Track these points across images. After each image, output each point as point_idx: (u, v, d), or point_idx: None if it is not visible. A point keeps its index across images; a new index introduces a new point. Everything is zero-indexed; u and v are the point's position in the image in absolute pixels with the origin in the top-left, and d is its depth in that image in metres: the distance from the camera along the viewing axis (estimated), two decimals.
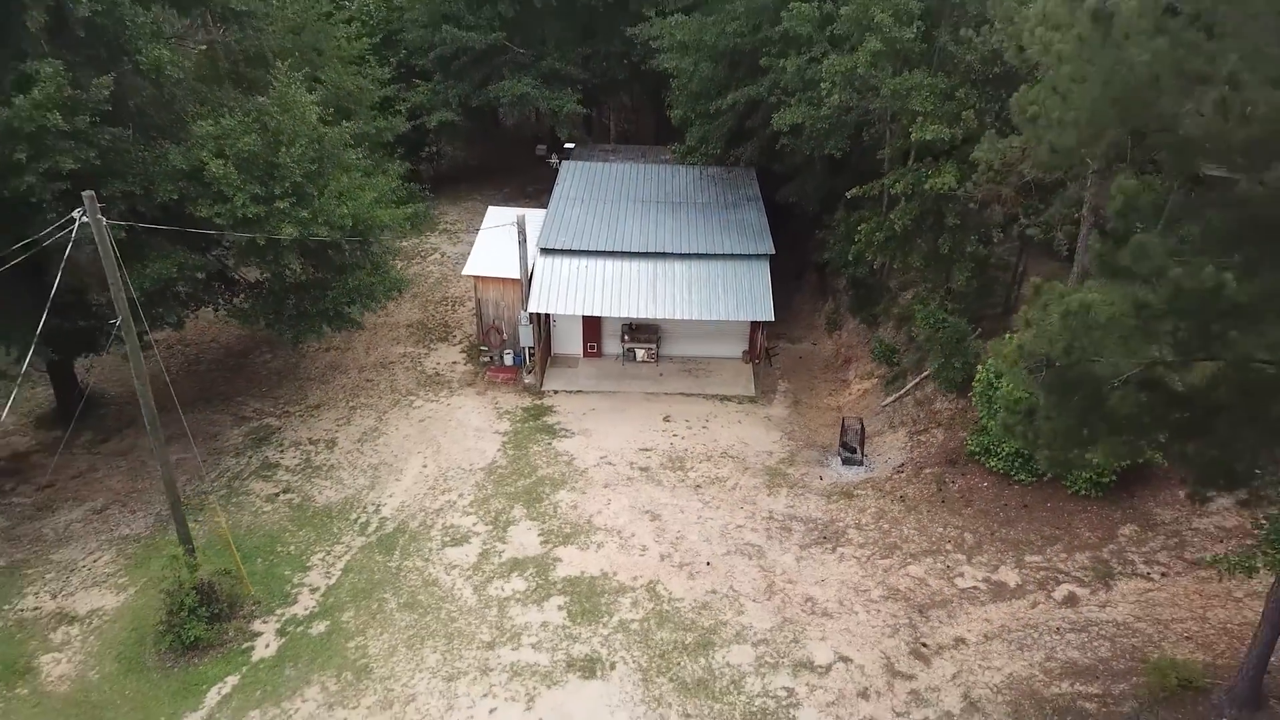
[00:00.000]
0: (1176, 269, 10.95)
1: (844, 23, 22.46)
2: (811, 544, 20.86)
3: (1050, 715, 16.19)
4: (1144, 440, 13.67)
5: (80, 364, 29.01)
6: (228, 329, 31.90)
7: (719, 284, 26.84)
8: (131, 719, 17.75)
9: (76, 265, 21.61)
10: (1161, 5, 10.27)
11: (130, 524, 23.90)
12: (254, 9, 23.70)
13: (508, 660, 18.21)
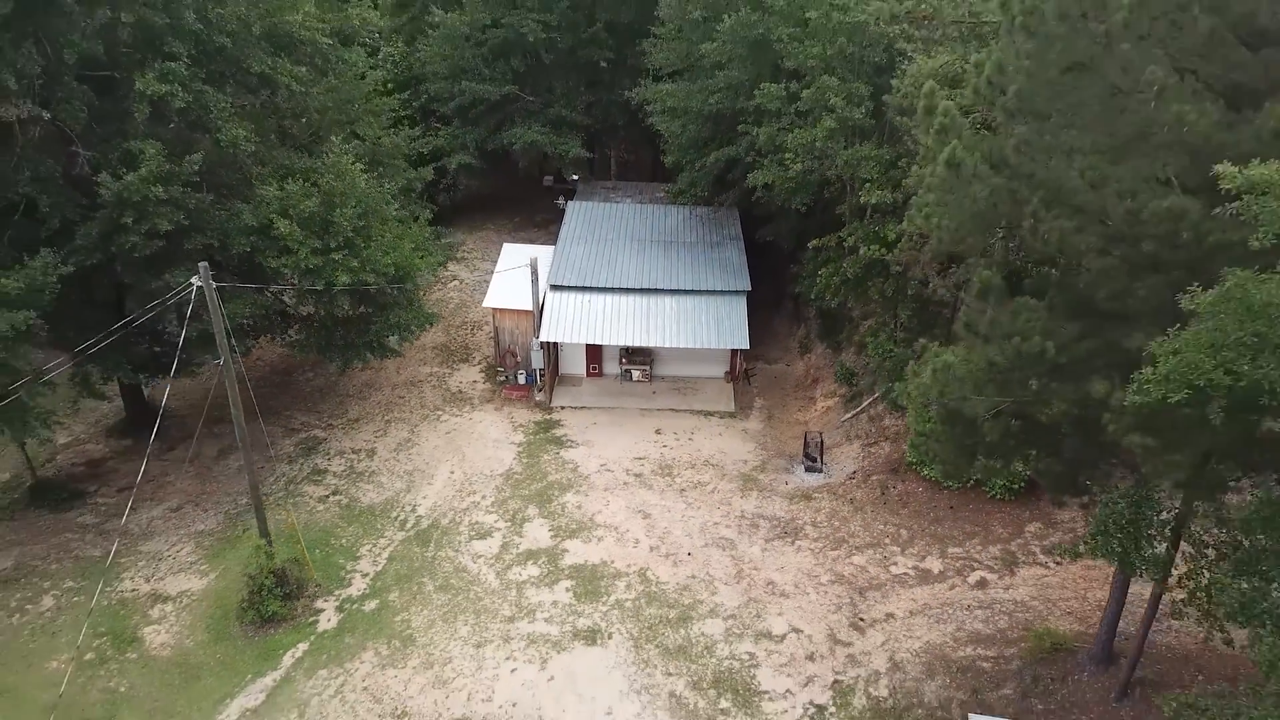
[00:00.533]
0: (1016, 337, 15.16)
1: (806, 101, 26.67)
2: (775, 538, 25.08)
3: (955, 673, 20.39)
4: (1011, 459, 17.91)
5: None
6: (272, 349, 36.10)
7: (703, 316, 31.09)
8: (224, 677, 21.97)
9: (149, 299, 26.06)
10: (995, 159, 14.45)
11: (204, 521, 28.14)
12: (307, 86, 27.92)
13: (525, 631, 22.43)
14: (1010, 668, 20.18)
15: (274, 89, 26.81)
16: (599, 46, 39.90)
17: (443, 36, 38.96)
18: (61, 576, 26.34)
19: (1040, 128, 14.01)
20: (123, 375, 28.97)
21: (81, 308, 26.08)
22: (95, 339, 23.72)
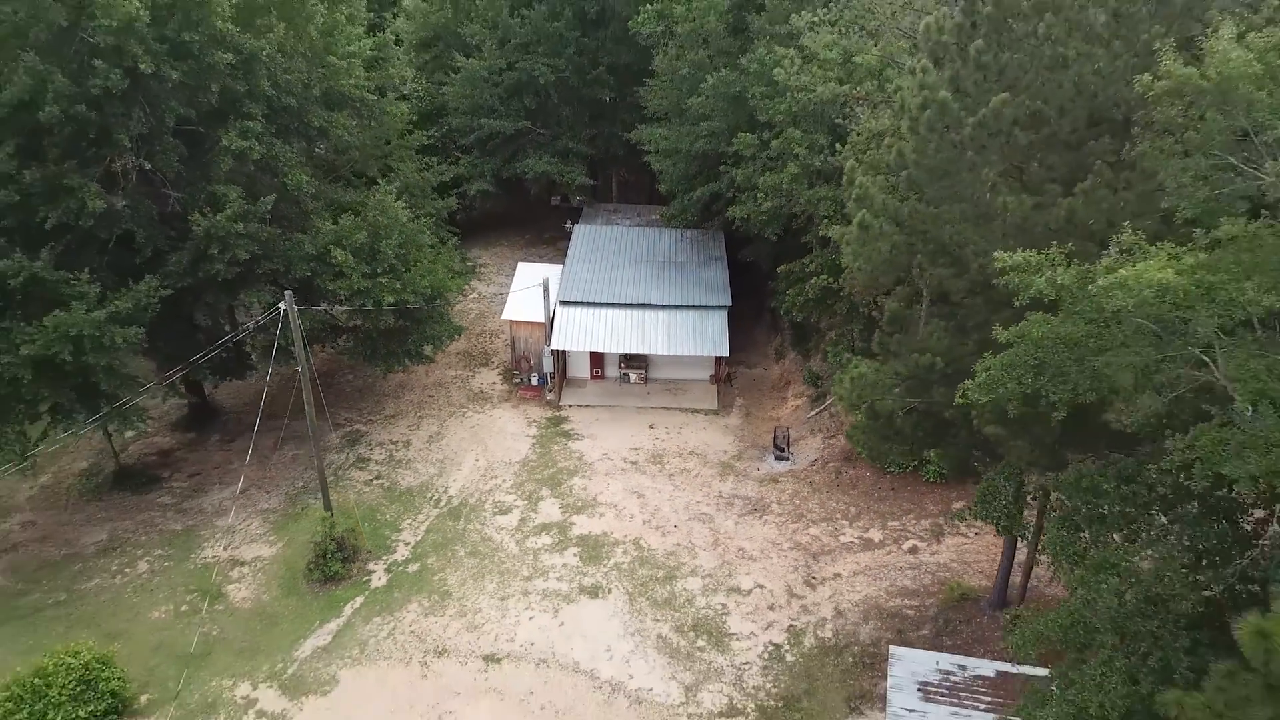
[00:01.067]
0: (914, 354, 20.07)
1: (775, 149, 31.54)
2: (746, 514, 30.01)
3: (885, 618, 25.30)
4: (921, 447, 22.80)
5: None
6: (315, 353, 41.05)
7: (690, 327, 36.00)
8: (297, 624, 26.91)
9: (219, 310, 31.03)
10: (896, 219, 19.33)
11: (267, 501, 33.10)
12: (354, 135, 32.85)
13: (540, 588, 27.35)
14: (929, 614, 25.09)
15: (328, 138, 31.78)
16: (602, 86, 44.77)
17: (464, 79, 43.84)
18: (151, 546, 31.33)
19: (925, 200, 18.91)
20: (203, 379, 34.02)
21: (171, 322, 31.01)
22: (203, 352, 28.75)
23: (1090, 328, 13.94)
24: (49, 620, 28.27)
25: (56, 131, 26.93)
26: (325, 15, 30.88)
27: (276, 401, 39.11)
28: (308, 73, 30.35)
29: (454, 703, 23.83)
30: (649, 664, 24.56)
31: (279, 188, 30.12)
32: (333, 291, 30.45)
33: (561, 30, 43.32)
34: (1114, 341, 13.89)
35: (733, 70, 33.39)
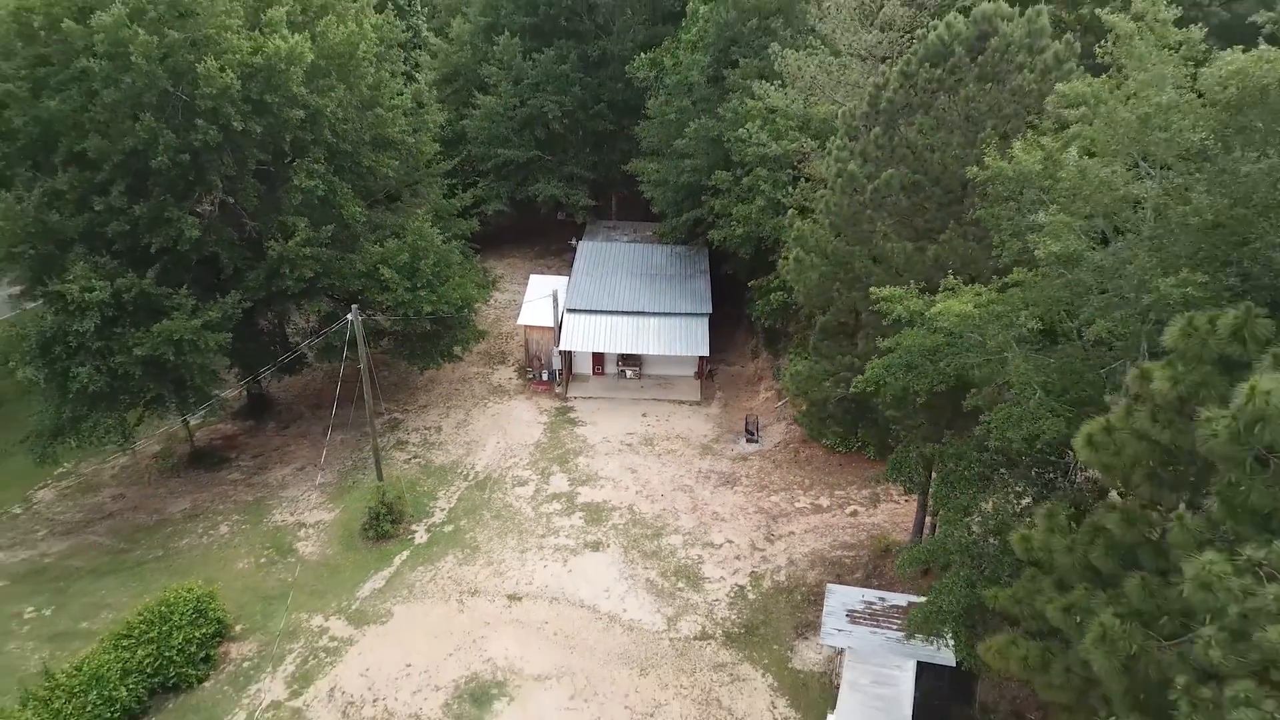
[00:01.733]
0: (837, 355, 26.16)
1: (746, 185, 37.58)
2: (720, 485, 36.12)
3: (828, 565, 31.39)
4: (852, 428, 28.87)
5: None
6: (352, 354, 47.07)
7: (676, 331, 42.08)
8: (356, 572, 33.00)
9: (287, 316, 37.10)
10: (823, 253, 25.37)
11: (323, 476, 39.19)
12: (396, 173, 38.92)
13: (552, 543, 33.44)
14: (861, 561, 31.19)
15: (375, 175, 37.88)
16: (602, 119, 50.82)
17: (483, 114, 49.90)
18: (228, 513, 37.47)
19: (843, 241, 24.99)
20: (269, 374, 40.18)
21: (241, 326, 37.08)
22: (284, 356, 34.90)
23: (937, 337, 20.01)
24: (152, 571, 34.41)
25: (162, 174, 33.02)
26: (374, 74, 36.98)
27: (323, 394, 45.63)
28: (360, 122, 36.48)
29: (485, 630, 29.94)
30: (639, 601, 30.69)
31: (336, 217, 36.22)
32: (380, 302, 36.56)
33: (567, 71, 49.39)
34: (959, 349, 19.99)
35: (711, 118, 39.50)
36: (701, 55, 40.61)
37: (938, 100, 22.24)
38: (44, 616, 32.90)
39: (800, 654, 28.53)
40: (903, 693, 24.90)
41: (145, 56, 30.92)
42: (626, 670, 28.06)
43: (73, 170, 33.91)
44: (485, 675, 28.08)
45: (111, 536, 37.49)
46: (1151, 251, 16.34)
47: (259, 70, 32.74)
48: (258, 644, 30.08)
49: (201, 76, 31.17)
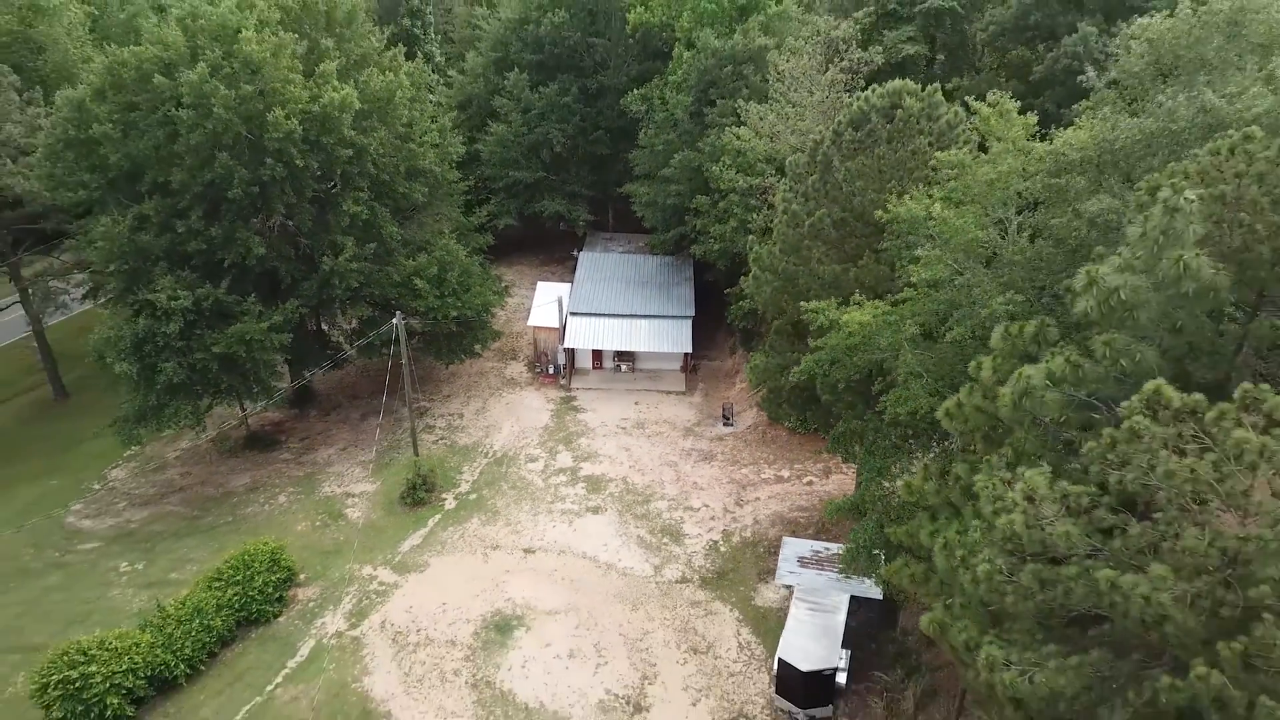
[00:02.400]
0: (789, 352, 32.57)
1: (721, 209, 43.93)
2: (700, 461, 42.55)
3: (785, 524, 37.82)
4: (803, 411, 35.27)
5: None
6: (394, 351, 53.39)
7: (664, 331, 48.46)
8: (396, 532, 39.37)
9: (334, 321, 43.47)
10: (774, 270, 31.74)
11: (363, 456, 45.56)
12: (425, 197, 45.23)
13: (559, 508, 39.84)
14: (812, 520, 37.65)
15: (409, 200, 44.22)
16: (600, 144, 57.14)
17: (495, 140, 56.19)
18: (284, 486, 43.83)
19: (789, 261, 31.36)
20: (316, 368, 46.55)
21: (297, 328, 43.40)
22: (338, 355, 41.39)
23: (853, 339, 26.42)
24: (224, 533, 40.79)
25: (234, 201, 39.33)
26: (407, 114, 43.28)
27: (356, 386, 52.12)
28: (396, 156, 42.78)
29: (505, 577, 36.35)
30: (631, 553, 37.13)
31: (377, 236, 42.56)
32: (414, 307, 42.90)
33: (569, 103, 55.71)
34: (867, 348, 26.40)
35: (693, 150, 45.85)
36: (685, 96, 47.02)
37: (859, 156, 28.63)
38: (137, 570, 39.29)
39: (761, 593, 34.99)
40: (838, 619, 31.34)
41: (224, 106, 37.24)
42: (621, 606, 34.50)
43: (157, 198, 40.34)
44: (506, 610, 34.51)
45: (185, 506, 43.91)
46: (992, 279, 22.78)
47: (316, 116, 39.05)
48: (319, 588, 36.48)
49: (270, 123, 37.47)
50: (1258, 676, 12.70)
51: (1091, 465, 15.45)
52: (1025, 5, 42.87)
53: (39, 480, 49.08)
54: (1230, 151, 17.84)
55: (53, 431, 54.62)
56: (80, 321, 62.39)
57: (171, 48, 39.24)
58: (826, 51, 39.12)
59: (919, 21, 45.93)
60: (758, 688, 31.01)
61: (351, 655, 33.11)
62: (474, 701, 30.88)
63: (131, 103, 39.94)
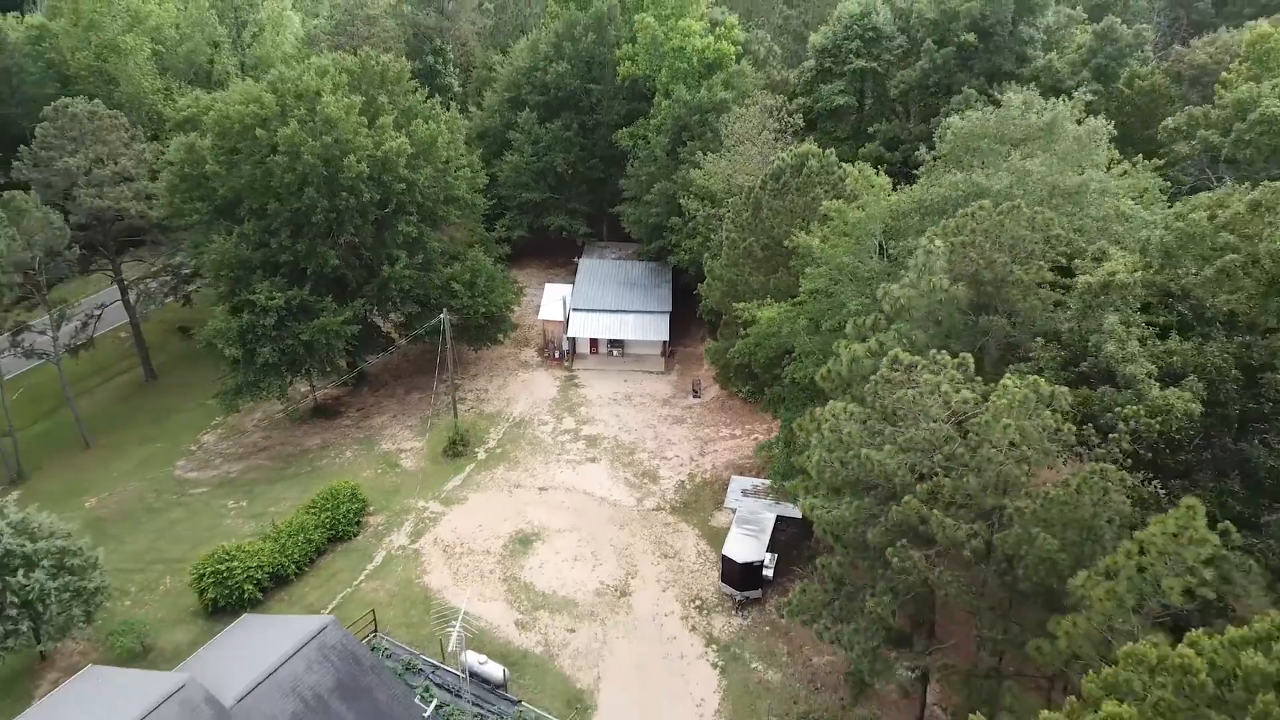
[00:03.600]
0: (734, 338, 44.09)
1: (690, 228, 55.22)
2: (674, 424, 54.07)
3: (736, 467, 49.31)
4: (759, 384, 46.75)
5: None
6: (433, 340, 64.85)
7: (647, 323, 59.89)
8: (440, 477, 50.81)
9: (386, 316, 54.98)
10: (720, 277, 43.12)
11: (409, 422, 56.97)
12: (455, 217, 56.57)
13: (565, 459, 51.35)
14: (755, 465, 49.14)
15: (447, 220, 55.60)
16: (596, 170, 68.38)
17: (510, 167, 67.37)
18: (349, 445, 55.26)
19: (731, 272, 42.75)
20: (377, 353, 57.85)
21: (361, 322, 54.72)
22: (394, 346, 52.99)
23: (770, 329, 37.84)
24: (306, 479, 52.17)
25: (315, 224, 50.58)
26: (445, 154, 54.55)
27: (399, 368, 63.47)
28: (437, 187, 54.09)
29: (525, 507, 47.78)
30: (619, 489, 48.61)
31: (422, 249, 53.89)
32: (451, 305, 54.25)
33: (570, 136, 66.96)
34: (778, 336, 37.81)
35: (669, 181, 57.16)
36: (662, 137, 58.29)
37: (777, 200, 40.06)
38: (242, 506, 50.72)
39: (715, 518, 46.51)
40: (766, 531, 42.80)
41: (310, 154, 48.50)
42: (613, 527, 46.01)
43: (253, 221, 51.62)
44: (527, 530, 46.01)
45: (271, 461, 55.33)
46: (852, 289, 34.26)
47: (378, 159, 50.33)
48: (385, 516, 47.93)
49: (345, 165, 48.74)
50: (940, 503, 24.18)
51: (872, 398, 26.89)
52: (925, 69, 54.17)
53: (144, 444, 60.34)
54: (971, 215, 29.34)
55: (147, 405, 65.96)
56: (161, 315, 73.56)
57: (266, 107, 50.39)
58: (762, 116, 50.40)
59: (848, 78, 57.14)
60: (710, 581, 42.55)
61: (413, 561, 44.62)
62: (504, 590, 42.43)
63: (235, 148, 51.20)
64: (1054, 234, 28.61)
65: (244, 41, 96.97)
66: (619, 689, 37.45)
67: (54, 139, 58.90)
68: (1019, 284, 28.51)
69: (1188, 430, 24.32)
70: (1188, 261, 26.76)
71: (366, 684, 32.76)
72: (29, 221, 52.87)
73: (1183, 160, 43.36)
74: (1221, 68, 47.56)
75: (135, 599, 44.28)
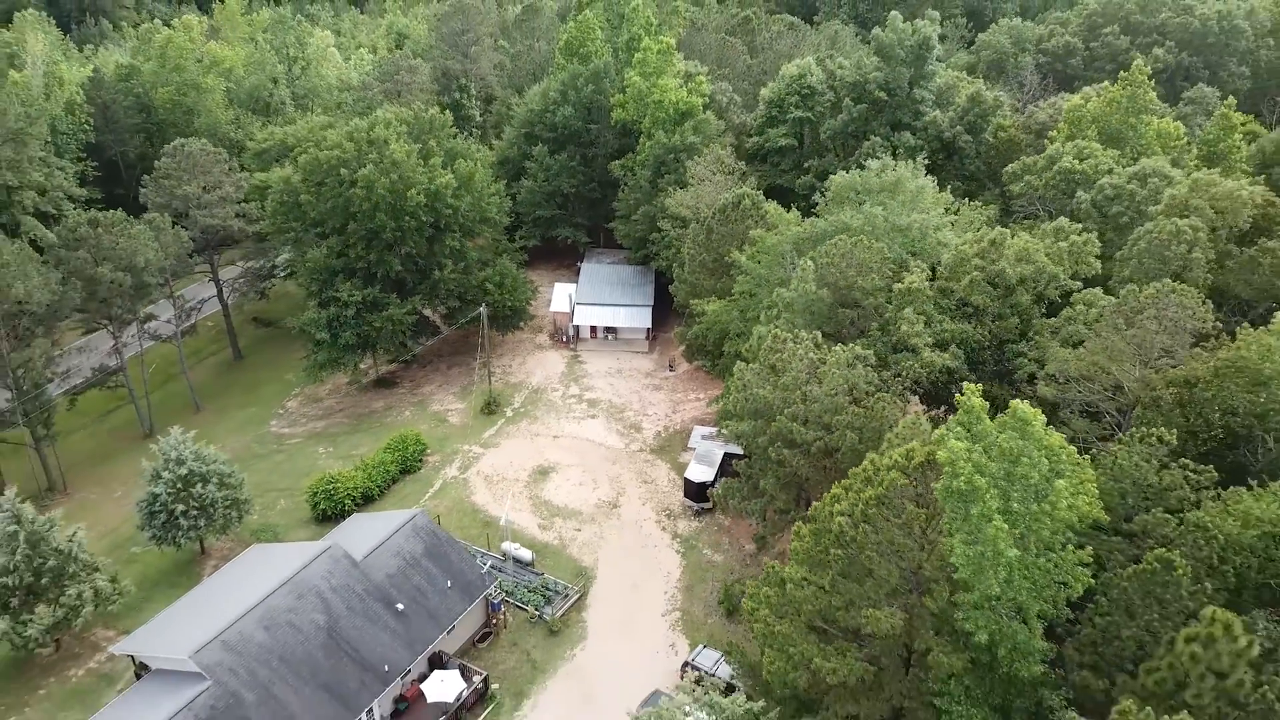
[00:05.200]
0: (695, 325, 60.43)
1: (666, 242, 71.21)
2: (654, 390, 70.31)
3: (700, 420, 65.55)
4: (706, 358, 62.97)
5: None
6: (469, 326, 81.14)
7: (635, 314, 76.05)
8: (479, 428, 67.00)
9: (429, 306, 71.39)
10: (687, 282, 59.24)
11: (451, 390, 73.19)
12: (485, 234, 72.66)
13: (572, 416, 67.55)
14: (711, 419, 65.39)
15: (480, 235, 71.74)
16: (594, 192, 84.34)
17: (526, 191, 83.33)
18: (406, 406, 71.55)
19: (691, 277, 58.92)
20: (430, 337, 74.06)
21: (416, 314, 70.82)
22: (442, 332, 69.28)
23: (713, 318, 53.98)
24: (377, 431, 68.35)
25: (383, 239, 66.64)
26: (481, 185, 70.56)
27: (440, 350, 79.73)
28: (474, 210, 70.14)
29: (544, 449, 63.96)
30: (613, 437, 64.86)
31: (464, 258, 69.98)
32: (485, 300, 70.31)
33: (574, 165, 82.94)
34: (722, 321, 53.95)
35: (651, 206, 73.16)
36: (646, 170, 74.21)
37: (723, 226, 56.19)
38: (330, 450, 66.95)
39: (682, 456, 62.72)
40: (715, 463, 59.01)
41: (382, 188, 64.53)
42: (607, 463, 62.29)
43: (335, 237, 67.68)
44: (545, 465, 62.27)
45: (346, 419, 71.59)
46: (766, 290, 50.45)
47: (431, 191, 66.36)
48: (440, 456, 64.15)
49: (408, 197, 64.78)
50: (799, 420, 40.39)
51: (764, 359, 43.00)
52: (846, 120, 70.11)
53: (242, 409, 76.51)
54: (834, 244, 45.47)
55: (238, 380, 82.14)
56: (240, 308, 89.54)
57: (347, 151, 66.32)
58: (714, 163, 66.39)
59: (790, 124, 73.02)
60: (676, 498, 58.81)
61: (463, 486, 60.89)
62: (530, 505, 58.69)
63: (322, 181, 67.21)
64: (884, 257, 44.73)
65: (294, 75, 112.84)
66: (611, 566, 53.70)
67: (173, 170, 74.79)
68: (861, 289, 44.61)
69: (945, 376, 40.56)
70: (960, 275, 42.97)
71: (444, 551, 49.07)
72: (164, 236, 68.85)
73: (1018, 196, 59.42)
74: (1053, 125, 63.65)
75: (260, 514, 60.40)
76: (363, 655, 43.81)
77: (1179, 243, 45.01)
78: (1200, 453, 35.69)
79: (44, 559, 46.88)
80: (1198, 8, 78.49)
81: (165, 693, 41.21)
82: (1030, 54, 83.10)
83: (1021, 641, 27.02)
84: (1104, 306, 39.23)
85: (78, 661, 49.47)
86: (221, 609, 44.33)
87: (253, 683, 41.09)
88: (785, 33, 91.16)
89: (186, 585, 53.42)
